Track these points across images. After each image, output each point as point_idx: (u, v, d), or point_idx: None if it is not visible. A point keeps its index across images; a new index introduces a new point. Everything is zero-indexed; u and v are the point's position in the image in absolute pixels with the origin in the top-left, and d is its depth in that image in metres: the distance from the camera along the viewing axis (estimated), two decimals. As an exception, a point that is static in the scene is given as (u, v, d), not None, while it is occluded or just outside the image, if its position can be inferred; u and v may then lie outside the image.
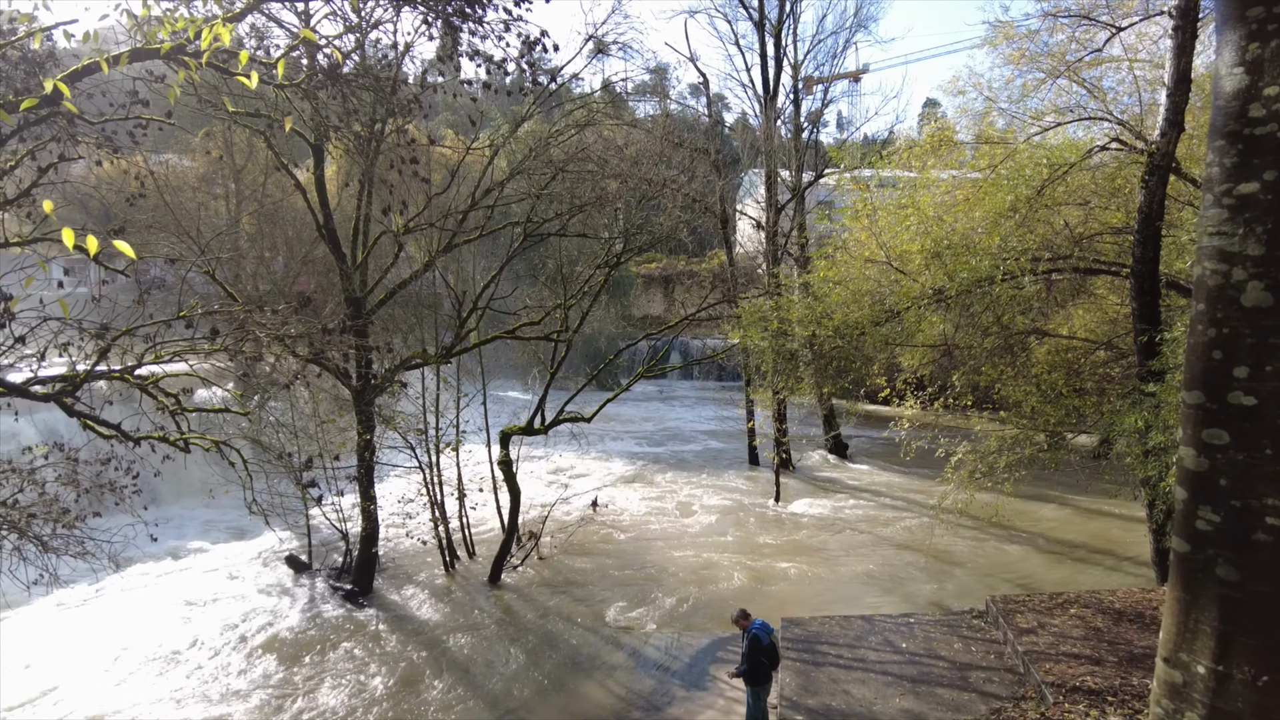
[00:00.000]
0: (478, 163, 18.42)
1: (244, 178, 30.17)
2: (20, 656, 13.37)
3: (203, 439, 8.60)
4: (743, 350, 21.46)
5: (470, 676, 12.75)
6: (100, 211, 18.15)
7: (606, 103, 25.04)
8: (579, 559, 18.04)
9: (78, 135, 8.80)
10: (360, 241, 15.55)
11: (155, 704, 11.89)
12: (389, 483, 20.08)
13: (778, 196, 28.45)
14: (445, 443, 17.40)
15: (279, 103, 12.49)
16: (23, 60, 7.69)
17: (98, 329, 7.02)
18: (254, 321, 7.89)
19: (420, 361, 15.57)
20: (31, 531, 8.48)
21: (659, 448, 30.83)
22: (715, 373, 46.30)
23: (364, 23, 12.28)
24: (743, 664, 9.99)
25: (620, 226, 18.00)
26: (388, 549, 17.99)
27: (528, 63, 12.63)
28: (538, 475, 25.08)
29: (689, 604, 15.48)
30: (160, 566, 17.45)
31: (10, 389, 6.73)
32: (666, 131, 21.95)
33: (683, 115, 48.83)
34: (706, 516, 21.52)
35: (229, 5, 6.52)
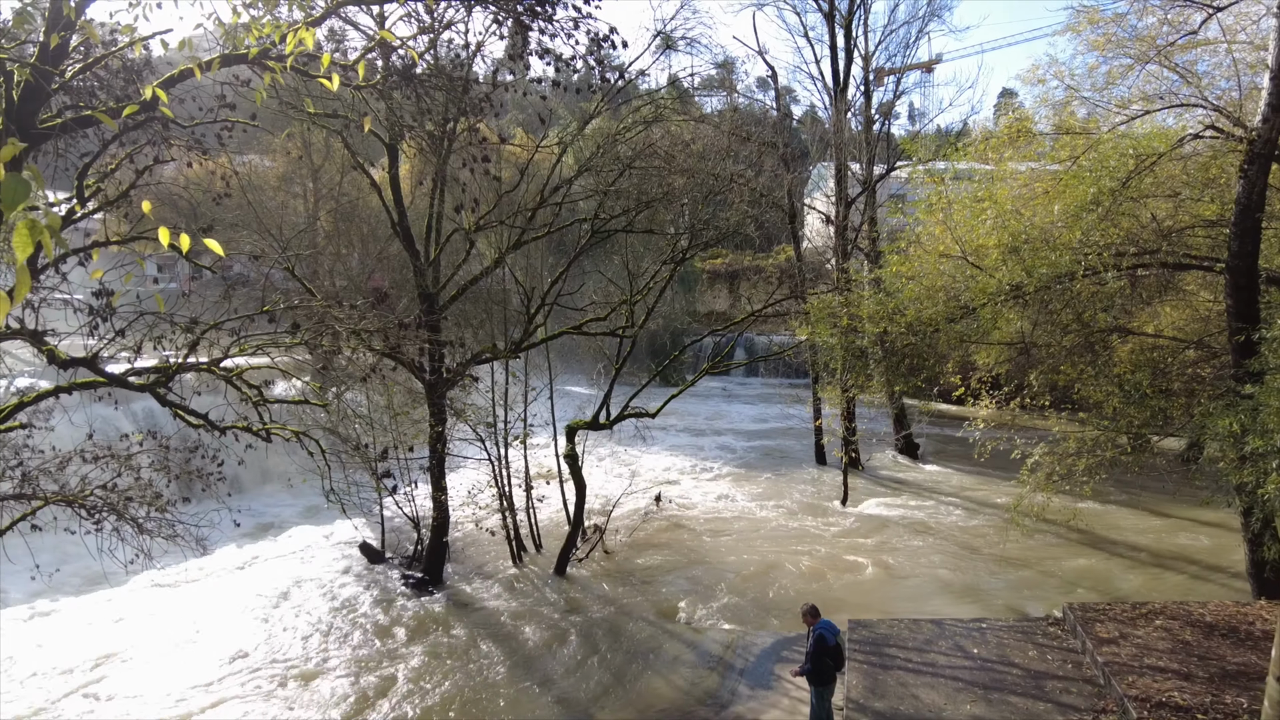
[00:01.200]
0: (545, 160, 18.62)
1: (321, 177, 31.22)
2: (118, 629, 14.16)
3: (283, 429, 8.94)
4: (810, 347, 21.18)
5: (537, 666, 12.95)
6: (188, 210, 19.02)
7: (674, 98, 25.01)
8: (643, 553, 18.12)
9: (170, 138, 9.23)
10: (433, 238, 15.90)
11: (231, 680, 12.43)
12: (459, 474, 20.51)
13: (848, 190, 27.95)
14: (513, 436, 17.68)
15: (355, 103, 12.86)
16: (122, 69, 8.11)
17: (188, 323, 7.37)
18: (332, 316, 8.16)
19: (490, 356, 15.86)
20: (128, 514, 8.98)
21: (723, 445, 30.70)
22: (781, 370, 45.82)
23: (436, 23, 12.55)
24: (806, 663, 9.87)
25: (686, 222, 17.96)
26: (457, 539, 18.40)
27: (596, 60, 12.72)
28: (603, 469, 25.26)
29: (753, 602, 15.38)
30: (242, 551, 18.22)
31: (110, 379, 7.13)
32: (734, 126, 21.79)
33: (750, 109, 48.37)
34: (771, 515, 21.34)
35: (309, 10, 6.75)
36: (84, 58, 7.47)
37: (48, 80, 6.58)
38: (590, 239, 16.84)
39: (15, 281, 1.85)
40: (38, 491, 8.62)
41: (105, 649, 13.47)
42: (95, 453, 9.31)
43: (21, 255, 1.83)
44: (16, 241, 1.83)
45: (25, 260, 1.82)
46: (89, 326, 6.85)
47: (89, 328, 6.86)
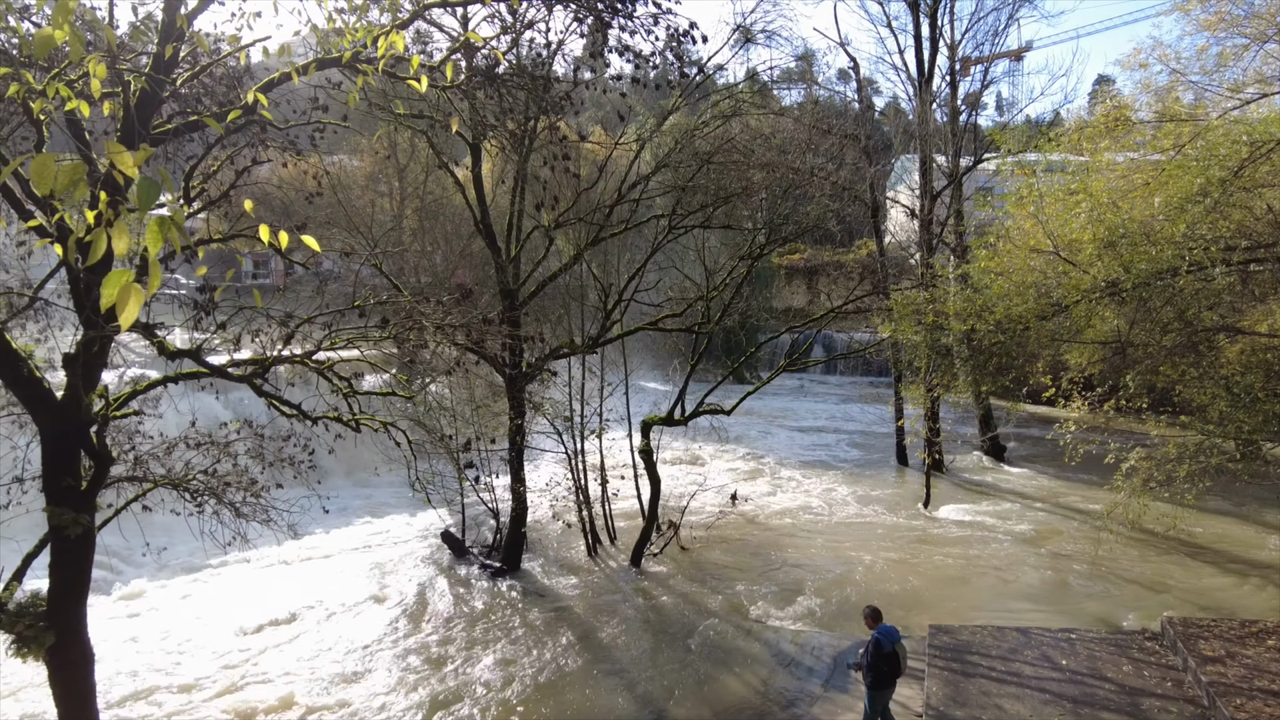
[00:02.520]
0: (623, 157, 18.72)
1: (407, 176, 32.14)
2: (214, 605, 14.96)
3: (372, 420, 9.26)
4: (893, 344, 20.68)
5: (611, 657, 13.07)
6: (281, 209, 19.88)
7: (753, 92, 24.76)
8: (717, 550, 18.06)
9: (267, 140, 9.66)
10: (513, 236, 16.19)
11: (316, 659, 12.97)
12: (537, 466, 20.86)
13: (933, 183, 27.15)
14: (589, 430, 17.86)
15: (441, 104, 13.19)
16: (225, 75, 8.54)
17: (283, 317, 7.71)
18: (419, 312, 8.40)
19: (568, 351, 16.07)
20: (226, 498, 9.46)
21: (801, 443, 30.30)
22: (861, 368, 44.90)
23: (518, 23, 12.74)
24: (862, 660, 9.72)
25: (765, 217, 17.76)
26: (535, 529, 18.71)
27: (675, 55, 12.70)
28: (678, 465, 25.27)
29: (830, 604, 15.15)
30: (329, 537, 18.97)
31: (213, 370, 7.53)
32: (815, 119, 21.43)
33: (830, 102, 47.50)
34: (850, 516, 20.96)
35: (398, 14, 6.95)
36: (191, 66, 7.89)
37: (160, 88, 6.98)
38: (667, 235, 16.85)
39: (150, 274, 1.97)
40: (148, 474, 9.17)
41: (203, 623, 14.25)
42: (198, 439, 9.85)
43: (153, 250, 1.95)
44: (149, 238, 1.95)
45: (156, 255, 1.94)
46: (194, 320, 7.24)
47: (194, 321, 7.25)
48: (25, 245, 10.49)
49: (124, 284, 2.18)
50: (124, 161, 2.46)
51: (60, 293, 10.21)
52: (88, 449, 7.81)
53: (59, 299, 10.10)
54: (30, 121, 7.53)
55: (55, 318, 10.15)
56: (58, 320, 10.06)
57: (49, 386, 7.68)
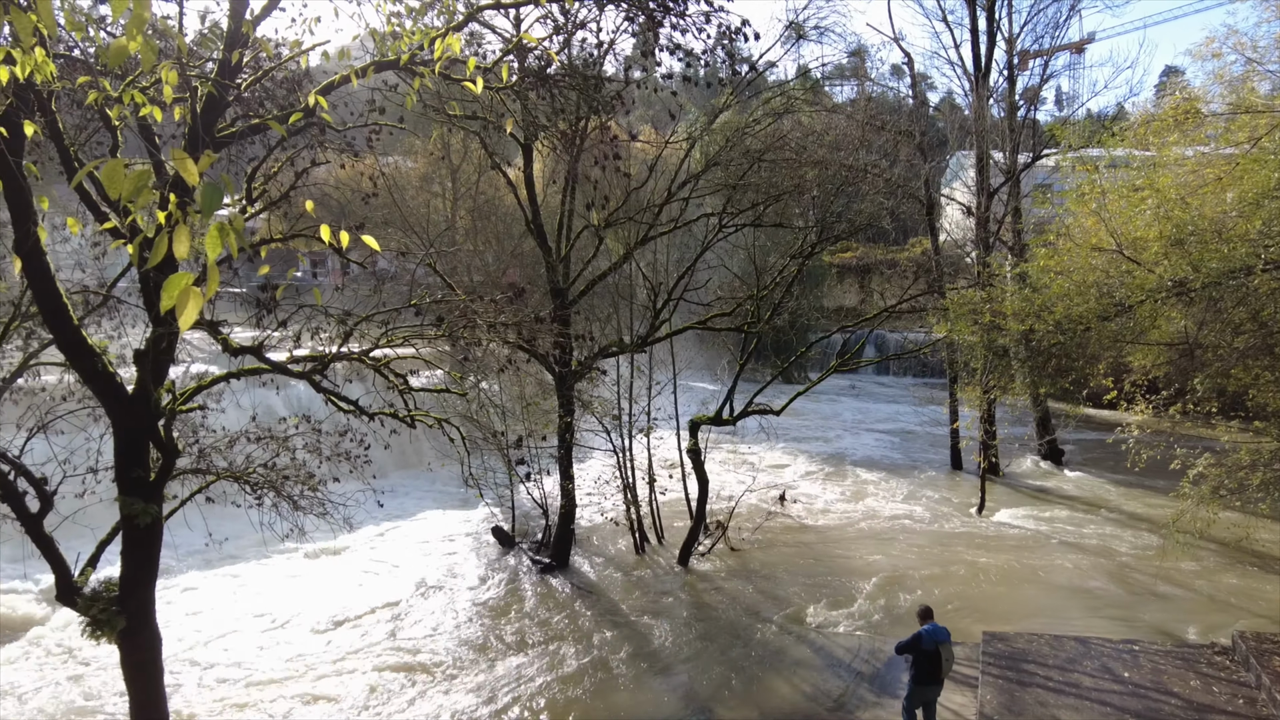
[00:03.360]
0: (673, 155, 18.68)
1: (459, 176, 32.58)
2: (271, 595, 15.40)
3: (426, 416, 9.42)
4: (948, 345, 20.27)
5: (658, 656, 13.07)
6: (337, 210, 20.32)
7: (806, 89, 24.49)
8: (766, 551, 17.93)
9: (325, 142, 9.90)
10: (564, 235, 16.29)
11: (366, 649, 13.24)
12: (586, 464, 20.97)
13: (989, 180, 26.51)
14: (637, 428, 17.89)
15: (493, 105, 13.34)
16: (285, 79, 8.77)
17: (341, 315, 7.90)
18: (473, 310, 8.53)
19: (617, 350, 16.12)
20: (285, 491, 9.73)
21: (851, 445, 29.89)
22: (914, 368, 44.10)
23: (570, 23, 12.81)
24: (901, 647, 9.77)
25: (817, 214, 17.55)
26: (583, 526, 18.82)
27: (727, 53, 12.63)
28: (725, 465, 25.15)
29: (881, 607, 14.91)
30: (382, 530, 19.35)
31: (274, 367, 7.75)
32: (868, 115, 21.11)
33: (883, 97, 46.75)
34: (901, 519, 20.60)
35: (453, 15, 7.05)
36: (253, 71, 8.12)
37: (225, 93, 7.20)
38: (718, 233, 16.77)
39: (208, 277, 2.04)
40: (211, 467, 9.49)
41: (258, 612, 14.69)
42: (258, 434, 10.14)
43: (213, 254, 2.01)
44: (209, 242, 2.02)
45: (215, 259, 2.01)
46: (256, 318, 7.46)
47: (256, 319, 7.47)
48: (99, 246, 10.94)
49: (183, 287, 2.26)
50: (187, 168, 2.54)
51: (131, 291, 10.62)
52: (156, 441, 8.10)
53: (129, 297, 10.51)
54: (106, 127, 7.85)
55: (126, 315, 10.57)
56: (129, 317, 10.47)
57: (121, 381, 7.99)
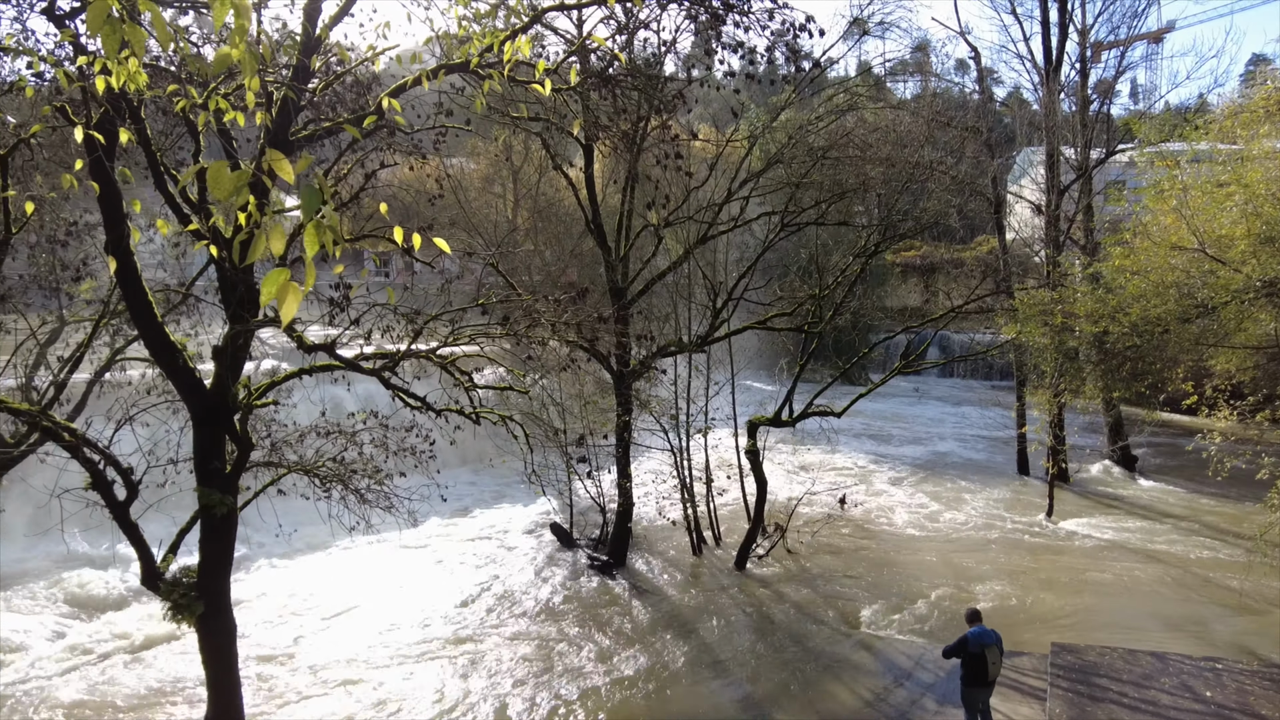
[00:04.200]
0: (733, 153, 18.58)
1: (520, 177, 32.97)
2: (337, 584, 15.84)
3: (491, 413, 9.58)
4: (1015, 347, 19.71)
5: (715, 658, 13.02)
6: (402, 211, 20.75)
7: (869, 85, 24.09)
8: (825, 555, 17.70)
9: (394, 145, 10.13)
10: (623, 234, 16.35)
11: (429, 640, 13.50)
12: (643, 463, 20.99)
13: (1060, 177, 25.66)
14: (695, 428, 17.85)
15: (556, 106, 13.46)
16: (354, 83, 9.01)
17: (410, 314, 8.08)
18: (537, 310, 8.63)
19: (675, 349, 16.10)
20: (353, 485, 10.00)
21: (913, 448, 29.28)
22: (980, 371, 42.91)
23: (632, 23, 12.84)
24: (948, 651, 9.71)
25: (881, 213, 17.24)
26: (640, 525, 18.86)
27: (790, 50, 12.51)
28: (784, 467, 24.91)
29: (942, 615, 14.58)
30: (445, 524, 19.72)
31: (346, 364, 7.97)
32: (934, 111, 20.66)
33: (947, 93, 45.69)
34: (965, 525, 20.11)
35: (520, 16, 7.14)
36: (325, 75, 8.36)
37: (300, 97, 7.42)
38: (779, 232, 16.60)
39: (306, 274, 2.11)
40: (282, 460, 9.81)
41: (324, 602, 15.13)
42: (327, 428, 10.45)
43: (310, 252, 2.08)
44: (307, 241, 2.09)
45: (312, 257, 2.08)
46: (329, 316, 7.69)
47: (329, 317, 7.69)
48: (180, 246, 11.40)
49: (282, 282, 2.34)
50: (283, 169, 2.62)
51: (208, 290, 11.04)
52: (232, 435, 8.42)
53: (206, 295, 10.92)
54: (190, 133, 8.18)
55: (204, 313, 10.99)
56: (206, 315, 10.89)
57: (200, 376, 8.32)
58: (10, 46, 6.52)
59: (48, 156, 10.64)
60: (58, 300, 13.40)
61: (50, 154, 11.00)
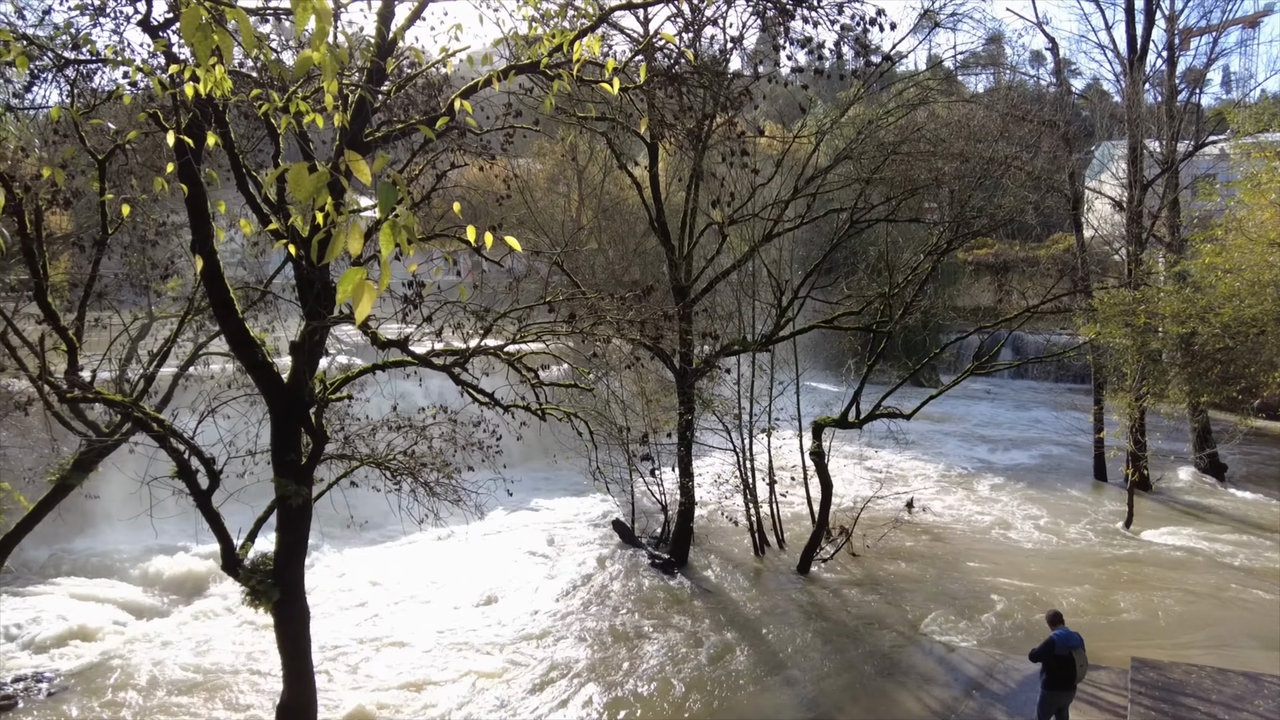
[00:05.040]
0: (799, 150, 18.34)
1: (585, 177, 33.20)
2: (407, 577, 16.23)
3: (556, 410, 9.67)
4: (1093, 348, 18.97)
5: (778, 661, 12.89)
6: (469, 211, 21.12)
7: (941, 79, 23.49)
8: (891, 560, 17.34)
9: (464, 146, 10.30)
10: (687, 233, 16.31)
11: (493, 633, 13.71)
12: (705, 462, 20.91)
13: (1144, 171, 24.55)
14: (758, 428, 17.68)
15: (622, 105, 13.50)
16: (426, 85, 9.20)
17: (480, 311, 8.22)
18: (603, 309, 8.68)
19: (739, 348, 15.98)
20: (422, 478, 10.21)
21: (985, 452, 28.45)
22: (1055, 373, 41.39)
23: (698, 20, 12.78)
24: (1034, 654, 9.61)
25: (954, 210, 16.78)
26: (701, 525, 18.79)
27: (860, 45, 12.27)
28: (850, 469, 24.51)
29: (1014, 625, 14.13)
30: (510, 518, 20.01)
31: (418, 359, 8.16)
32: (1009, 105, 20.02)
33: (1022, 86, 44.26)
34: (1038, 533, 19.44)
35: (589, 17, 7.17)
36: (397, 77, 8.55)
37: (374, 99, 7.61)
38: (848, 229, 16.31)
39: (381, 273, 2.16)
40: (355, 453, 10.08)
41: (393, 592, 15.52)
42: (398, 422, 10.69)
43: (386, 250, 2.12)
44: (383, 239, 2.13)
45: (388, 255, 2.12)
46: (402, 313, 7.87)
47: (402, 314, 7.88)
48: (258, 245, 11.82)
49: (358, 281, 2.39)
50: (360, 170, 2.69)
51: (285, 287, 11.42)
52: (308, 428, 8.69)
53: (284, 293, 11.30)
54: (270, 136, 8.48)
55: (281, 309, 11.38)
56: (283, 312, 11.28)
57: (278, 371, 8.62)
58: (110, 58, 6.86)
59: (141, 161, 11.17)
60: (147, 297, 14.09)
61: (142, 158, 11.55)
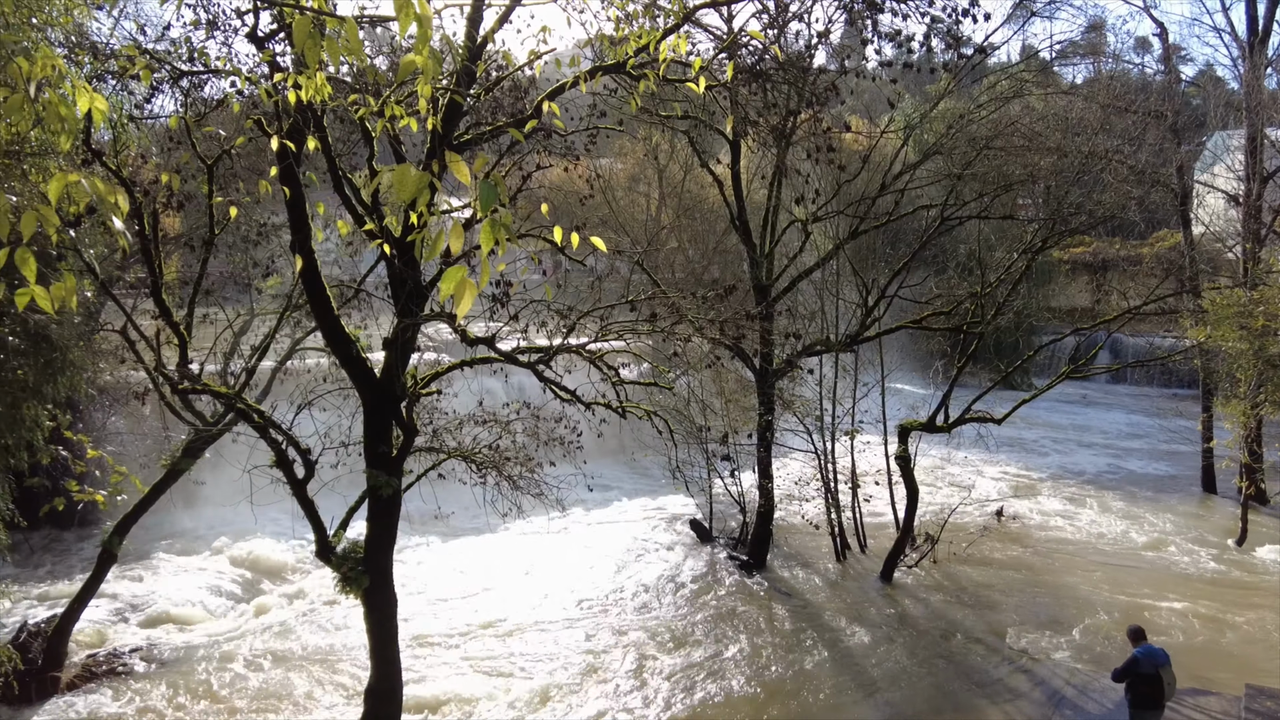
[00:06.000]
0: (885, 145, 17.89)
1: (665, 176, 33.24)
2: (490, 567, 16.61)
3: (637, 407, 9.73)
4: (1202, 352, 17.86)
5: (859, 668, 12.63)
6: (552, 211, 21.42)
7: (1036, 70, 22.54)
8: (978, 569, 16.75)
9: (549, 146, 10.46)
10: (769, 231, 16.12)
11: (571, 627, 13.89)
12: (784, 464, 20.65)
13: (1263, 163, 22.95)
14: (841, 430, 17.35)
15: (705, 103, 13.45)
16: (513, 87, 9.37)
17: (564, 310, 8.34)
18: (684, 308, 8.69)
19: (822, 348, 15.71)
20: (506, 472, 10.42)
21: (1080, 459, 27.16)
22: (1158, 377, 39.16)
23: (782, 16, 12.63)
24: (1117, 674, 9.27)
25: (1050, 206, 16.08)
26: (780, 527, 18.57)
27: (952, 37, 11.89)
28: (936, 475, 23.80)
29: (1110, 641, 13.45)
30: (589, 514, 20.23)
31: (505, 357, 8.33)
32: (1110, 96, 19.05)
33: (1125, 76, 42.03)
34: (1138, 546, 18.45)
35: (671, 18, 7.17)
36: (485, 80, 8.74)
37: (464, 102, 7.80)
38: (938, 227, 15.83)
39: (481, 271, 2.20)
40: (442, 446, 10.37)
41: (478, 580, 15.96)
42: (483, 417, 10.95)
43: (485, 248, 2.17)
44: (483, 238, 2.18)
45: (486, 253, 2.17)
46: (489, 311, 8.05)
47: (489, 312, 8.06)
48: (352, 245, 12.27)
49: (459, 279, 2.46)
50: (460, 171, 2.75)
51: (377, 285, 11.82)
52: (399, 421, 8.98)
53: (376, 291, 11.70)
54: (364, 139, 8.80)
55: (374, 307, 11.78)
56: (375, 309, 11.68)
57: (371, 366, 8.93)
58: (220, 68, 7.24)
59: (245, 165, 11.76)
60: (249, 294, 14.84)
61: (246, 163, 12.16)
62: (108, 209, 2.82)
